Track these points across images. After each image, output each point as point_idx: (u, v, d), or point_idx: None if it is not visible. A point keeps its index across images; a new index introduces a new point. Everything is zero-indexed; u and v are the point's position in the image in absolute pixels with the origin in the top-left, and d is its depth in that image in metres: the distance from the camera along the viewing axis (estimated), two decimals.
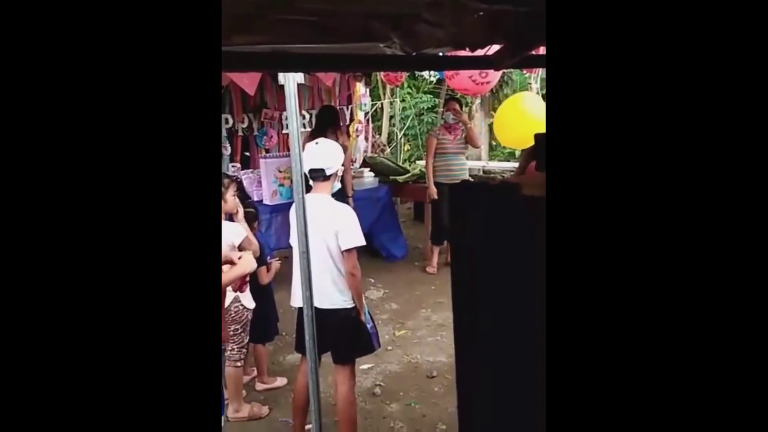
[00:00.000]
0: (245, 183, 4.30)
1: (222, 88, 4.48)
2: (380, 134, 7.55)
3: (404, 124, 8.26)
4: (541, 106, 4.45)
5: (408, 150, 8.48)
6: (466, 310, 1.63)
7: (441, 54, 1.68)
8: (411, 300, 4.25)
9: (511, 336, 1.49)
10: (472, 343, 1.61)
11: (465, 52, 1.65)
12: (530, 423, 1.24)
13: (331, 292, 2.28)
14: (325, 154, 2.33)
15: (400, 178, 5.38)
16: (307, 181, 2.17)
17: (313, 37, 1.38)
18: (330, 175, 2.32)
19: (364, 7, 1.27)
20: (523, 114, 4.42)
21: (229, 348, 2.61)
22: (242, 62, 1.26)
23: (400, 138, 8.09)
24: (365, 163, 5.71)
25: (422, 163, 5.81)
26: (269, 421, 2.73)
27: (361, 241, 2.29)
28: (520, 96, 4.91)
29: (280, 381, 3.06)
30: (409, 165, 6.30)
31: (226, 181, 2.51)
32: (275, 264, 2.91)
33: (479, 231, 1.50)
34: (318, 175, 2.30)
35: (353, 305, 2.32)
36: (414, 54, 1.55)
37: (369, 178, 5.13)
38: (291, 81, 1.72)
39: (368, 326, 2.40)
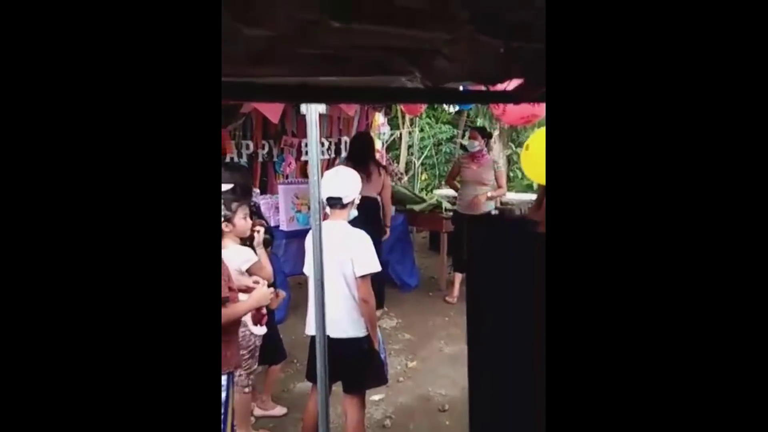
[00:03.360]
0: (263, 208, 4.34)
1: (244, 114, 4.57)
2: (398, 163, 7.60)
3: (422, 153, 8.30)
4: None
5: (425, 179, 8.51)
6: (480, 344, 1.61)
7: (461, 88, 1.70)
8: (424, 330, 4.20)
9: (523, 371, 1.47)
10: (485, 377, 1.59)
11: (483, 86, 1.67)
12: None
13: (345, 321, 2.27)
14: (343, 182, 2.35)
15: (417, 207, 5.39)
16: (324, 208, 2.20)
17: (332, 70, 1.41)
18: (347, 204, 2.34)
19: (384, 41, 1.30)
20: None
21: (237, 374, 2.60)
22: (265, 93, 1.28)
23: (418, 167, 8.13)
24: None
25: (440, 192, 5.83)
26: None
27: (376, 267, 2.29)
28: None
29: (279, 410, 3.02)
30: (426, 194, 6.32)
31: (234, 204, 2.53)
32: (281, 294, 2.91)
33: (496, 266, 1.50)
34: (335, 203, 2.32)
35: (366, 334, 2.30)
36: (433, 87, 1.58)
37: None
38: (313, 111, 1.76)
39: (381, 356, 2.38)
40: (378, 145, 6.18)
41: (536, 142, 4.77)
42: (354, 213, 2.42)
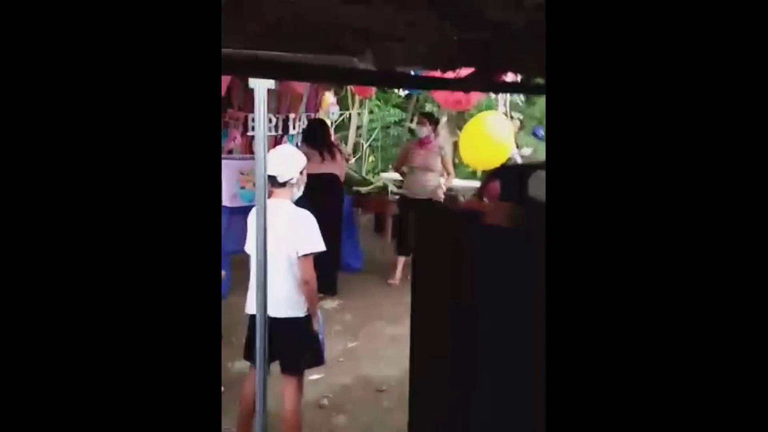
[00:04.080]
0: None
1: None
2: (346, 144, 7.55)
3: (370, 136, 8.29)
4: (507, 126, 4.52)
5: (372, 162, 8.51)
6: (424, 328, 1.65)
7: (413, 73, 1.71)
8: (366, 312, 4.24)
9: (465, 353, 1.51)
10: (429, 358, 1.63)
11: (436, 73, 1.68)
12: None
13: (285, 301, 2.26)
14: (280, 161, 2.32)
15: (363, 189, 5.40)
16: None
17: (284, 45, 1.38)
18: (284, 183, 2.31)
19: (339, 19, 1.28)
20: (488, 135, 4.45)
21: None
22: None
23: (365, 149, 8.12)
24: None
25: (386, 175, 5.86)
26: None
27: (321, 247, 2.28)
28: (485, 116, 4.85)
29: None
30: (373, 177, 6.33)
31: None
32: (222, 273, 2.86)
33: (441, 253, 1.53)
34: (273, 181, 2.29)
35: (306, 315, 2.30)
36: (384, 71, 1.57)
37: None
38: (262, 86, 1.71)
39: (320, 337, 2.38)
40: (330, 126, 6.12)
41: (471, 128, 4.82)
42: (297, 194, 2.39)
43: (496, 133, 4.39)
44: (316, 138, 4.36)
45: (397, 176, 5.28)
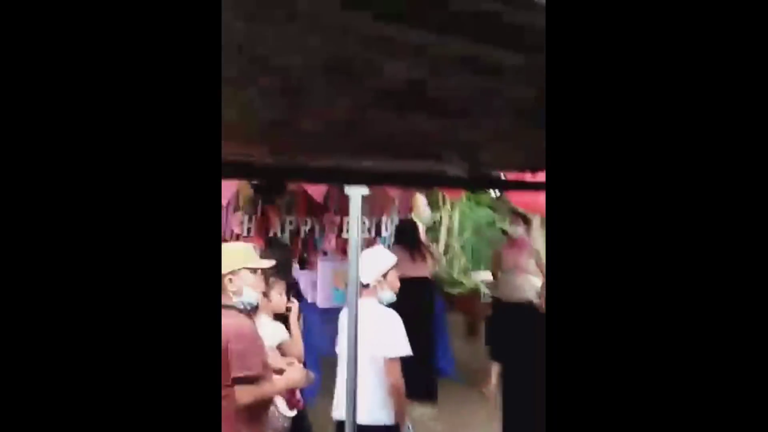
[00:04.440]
0: (301, 283, 4.37)
1: (290, 192, 4.73)
2: (437, 245, 7.59)
3: (462, 237, 8.29)
4: None
5: (464, 263, 8.44)
6: None
7: (501, 177, 1.73)
8: (459, 423, 3.99)
9: None
10: None
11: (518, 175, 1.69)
12: None
13: (372, 406, 2.19)
14: (363, 263, 2.35)
15: (454, 291, 5.31)
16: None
17: (378, 155, 1.46)
18: (366, 285, 2.32)
19: (429, 131, 1.34)
20: None
21: None
22: (313, 176, 1.33)
23: (457, 251, 8.09)
24: None
25: (477, 276, 5.75)
26: None
27: (406, 351, 2.22)
28: None
29: None
30: (464, 278, 6.23)
31: (272, 279, 2.54)
32: (311, 376, 2.84)
33: (535, 361, 1.45)
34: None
35: (395, 422, 2.20)
36: (473, 175, 1.60)
37: None
38: (357, 193, 1.80)
39: None
40: (421, 228, 6.23)
41: None
42: (386, 296, 2.38)
43: None
44: (407, 239, 4.42)
45: (489, 277, 5.16)
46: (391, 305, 2.38)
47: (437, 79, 1.00)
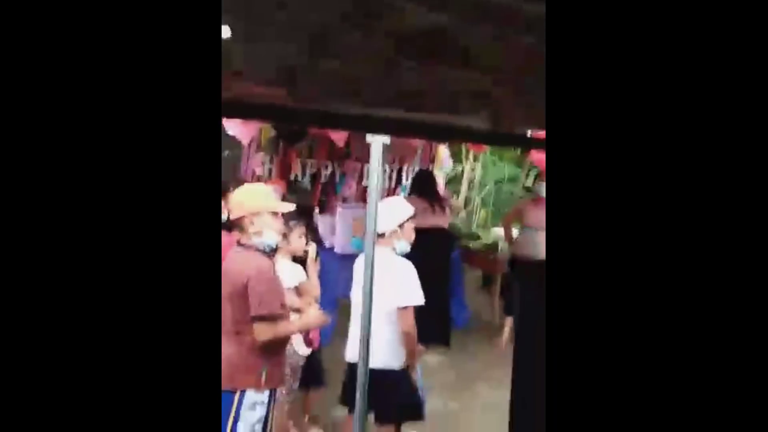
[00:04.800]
0: (320, 228, 4.42)
1: (312, 136, 4.71)
2: (457, 197, 7.56)
3: (483, 190, 8.23)
4: None
5: (483, 217, 8.41)
6: (523, 394, 1.56)
7: (528, 133, 1.69)
8: (470, 372, 4.10)
9: None
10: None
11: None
12: None
13: (384, 351, 2.25)
14: (380, 212, 2.35)
15: (472, 244, 5.32)
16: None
17: (403, 105, 1.44)
18: (382, 234, 2.33)
19: (457, 84, 1.31)
20: None
21: (278, 392, 2.62)
22: (332, 122, 1.32)
23: (477, 204, 8.06)
24: None
25: (497, 231, 5.73)
26: None
27: (419, 300, 2.26)
28: None
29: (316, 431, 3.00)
30: (482, 232, 6.23)
31: (292, 222, 2.57)
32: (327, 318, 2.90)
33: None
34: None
35: (405, 367, 2.27)
36: (497, 131, 1.57)
37: None
38: (378, 141, 1.79)
39: (419, 392, 2.33)
40: (440, 178, 6.19)
41: None
42: (401, 246, 2.40)
43: None
44: (424, 189, 4.39)
45: (509, 230, 5.15)
46: (405, 255, 2.40)
47: (464, 30, 0.97)
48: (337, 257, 4.16)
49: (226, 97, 1.11)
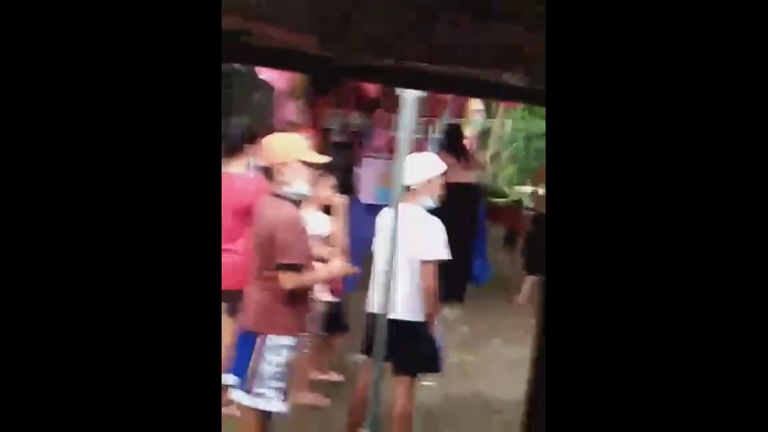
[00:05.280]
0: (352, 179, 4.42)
1: (341, 84, 4.65)
2: (486, 151, 7.44)
3: (512, 146, 8.09)
4: None
5: (511, 173, 8.31)
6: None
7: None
8: (487, 328, 4.16)
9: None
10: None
11: None
12: None
13: (405, 303, 2.29)
14: (409, 167, 2.34)
15: (497, 201, 5.29)
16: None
17: (437, 58, 1.40)
18: (411, 188, 2.31)
19: (489, 37, 1.27)
20: None
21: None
22: (365, 75, 1.30)
23: (504, 159, 7.94)
24: None
25: (523, 188, 5.68)
26: (329, 412, 2.80)
27: (444, 255, 2.28)
28: None
29: (336, 377, 3.10)
30: (509, 189, 6.17)
31: (320, 172, 2.56)
32: (355, 269, 2.92)
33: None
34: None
35: (425, 320, 2.31)
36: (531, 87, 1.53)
37: None
38: (410, 95, 1.76)
39: (438, 344, 2.38)
40: (470, 131, 6.08)
41: None
42: (428, 201, 2.39)
43: None
44: (452, 144, 4.33)
45: (534, 190, 5.10)
46: (432, 211, 2.40)
47: None
48: (365, 207, 4.18)
49: (257, 44, 1.09)
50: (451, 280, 4.15)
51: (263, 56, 1.21)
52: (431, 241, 2.28)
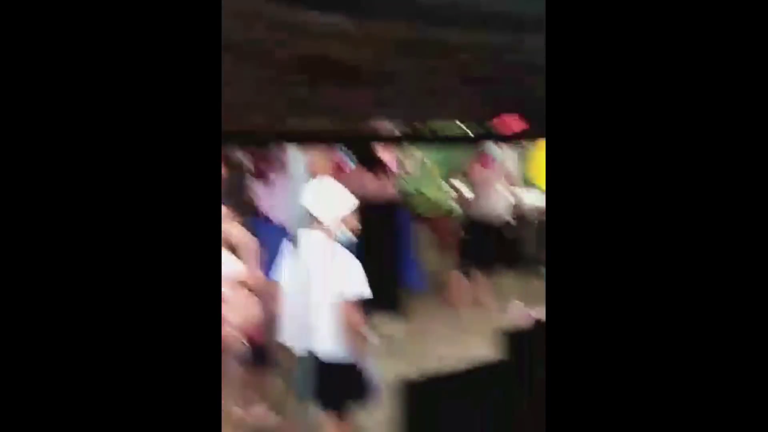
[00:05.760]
0: (261, 199, 4.23)
1: None
2: (410, 158, 7.47)
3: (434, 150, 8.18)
4: None
5: (434, 176, 8.39)
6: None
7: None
8: (421, 332, 4.18)
9: None
10: None
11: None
12: None
13: (328, 341, 2.22)
14: (319, 199, 2.28)
15: (422, 208, 5.32)
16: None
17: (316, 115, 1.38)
18: (324, 222, 2.25)
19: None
20: None
21: None
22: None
23: (426, 162, 8.01)
24: None
25: (447, 190, 5.74)
26: None
27: (364, 292, 2.23)
28: None
29: (269, 415, 3.00)
30: (433, 192, 6.22)
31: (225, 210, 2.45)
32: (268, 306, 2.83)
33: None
34: (313, 219, 2.27)
35: (354, 360, 2.26)
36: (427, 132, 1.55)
37: None
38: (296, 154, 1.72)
39: (368, 377, 2.34)
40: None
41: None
42: (346, 236, 2.32)
43: None
44: (367, 158, 4.27)
45: (458, 192, 5.18)
46: (347, 242, 2.35)
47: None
48: (275, 230, 4.03)
49: None
50: (383, 293, 4.15)
51: None
52: (349, 278, 2.22)
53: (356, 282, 2.22)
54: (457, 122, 1.81)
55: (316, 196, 2.28)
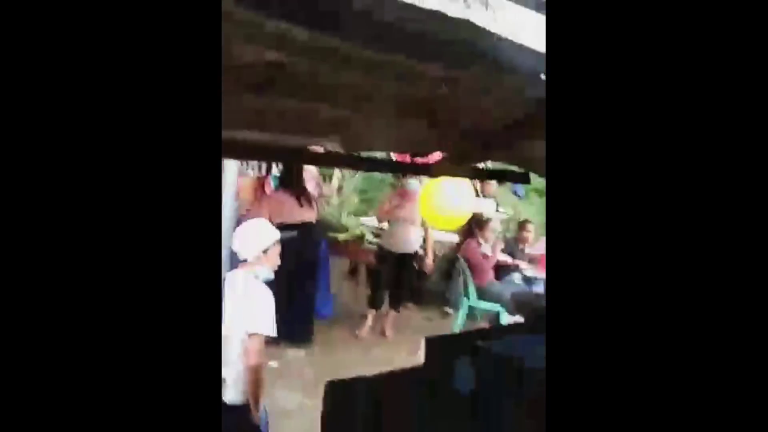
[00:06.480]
0: None
1: None
2: (330, 183, 7.49)
3: (354, 178, 8.26)
4: (465, 192, 4.39)
5: (356, 204, 8.47)
6: None
7: (385, 158, 1.70)
8: (330, 364, 4.13)
9: None
10: None
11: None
12: None
13: (232, 383, 2.13)
14: (242, 237, 2.27)
15: (340, 236, 5.34)
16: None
17: (258, 127, 1.37)
18: (244, 259, 2.24)
19: (309, 105, 1.27)
20: (443, 202, 4.34)
21: None
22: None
23: (348, 193, 8.08)
24: None
25: (366, 221, 5.80)
26: None
27: (269, 331, 2.14)
28: (439, 182, 4.29)
29: None
30: (351, 222, 6.27)
31: None
32: None
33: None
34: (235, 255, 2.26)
35: (246, 402, 2.15)
36: (354, 154, 1.57)
37: None
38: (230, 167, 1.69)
39: (261, 424, 2.25)
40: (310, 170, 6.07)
41: (428, 191, 4.56)
42: (266, 273, 2.28)
43: (451, 201, 4.27)
44: (293, 182, 4.28)
45: (376, 223, 5.24)
46: (266, 278, 2.30)
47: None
48: None
49: None
50: (296, 323, 4.07)
51: None
52: (260, 313, 2.15)
53: (266, 319, 2.14)
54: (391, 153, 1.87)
55: (242, 236, 2.28)
